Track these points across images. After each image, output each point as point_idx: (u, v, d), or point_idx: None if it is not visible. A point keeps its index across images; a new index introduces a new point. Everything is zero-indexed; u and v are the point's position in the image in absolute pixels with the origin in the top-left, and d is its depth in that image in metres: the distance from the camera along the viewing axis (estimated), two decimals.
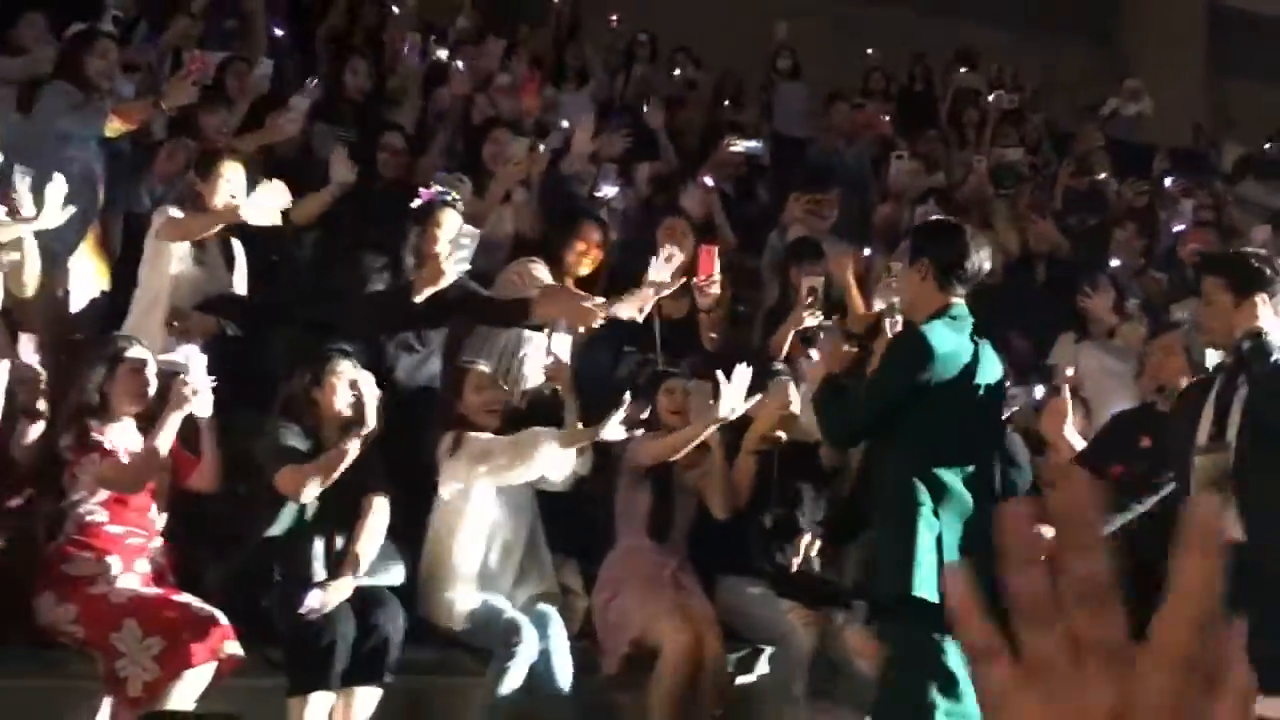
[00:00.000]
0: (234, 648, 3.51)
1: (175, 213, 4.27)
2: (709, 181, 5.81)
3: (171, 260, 4.22)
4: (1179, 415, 3.51)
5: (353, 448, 3.68)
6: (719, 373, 4.03)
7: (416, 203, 4.34)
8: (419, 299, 4.15)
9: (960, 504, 3.23)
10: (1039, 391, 4.71)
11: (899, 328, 3.72)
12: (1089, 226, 6.46)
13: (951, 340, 3.30)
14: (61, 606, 3.49)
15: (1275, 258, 3.50)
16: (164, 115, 5.09)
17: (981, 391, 3.36)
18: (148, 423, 3.70)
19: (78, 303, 4.55)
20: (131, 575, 3.60)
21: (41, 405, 3.70)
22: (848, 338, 3.90)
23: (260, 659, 3.67)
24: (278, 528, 3.82)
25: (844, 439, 3.55)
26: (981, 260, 3.39)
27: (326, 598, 3.61)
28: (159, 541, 3.72)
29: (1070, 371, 4.65)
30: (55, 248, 4.28)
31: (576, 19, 8.18)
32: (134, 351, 3.74)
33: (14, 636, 3.45)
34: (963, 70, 8.10)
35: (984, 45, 8.51)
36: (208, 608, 3.56)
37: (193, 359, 3.61)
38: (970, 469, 3.28)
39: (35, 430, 3.66)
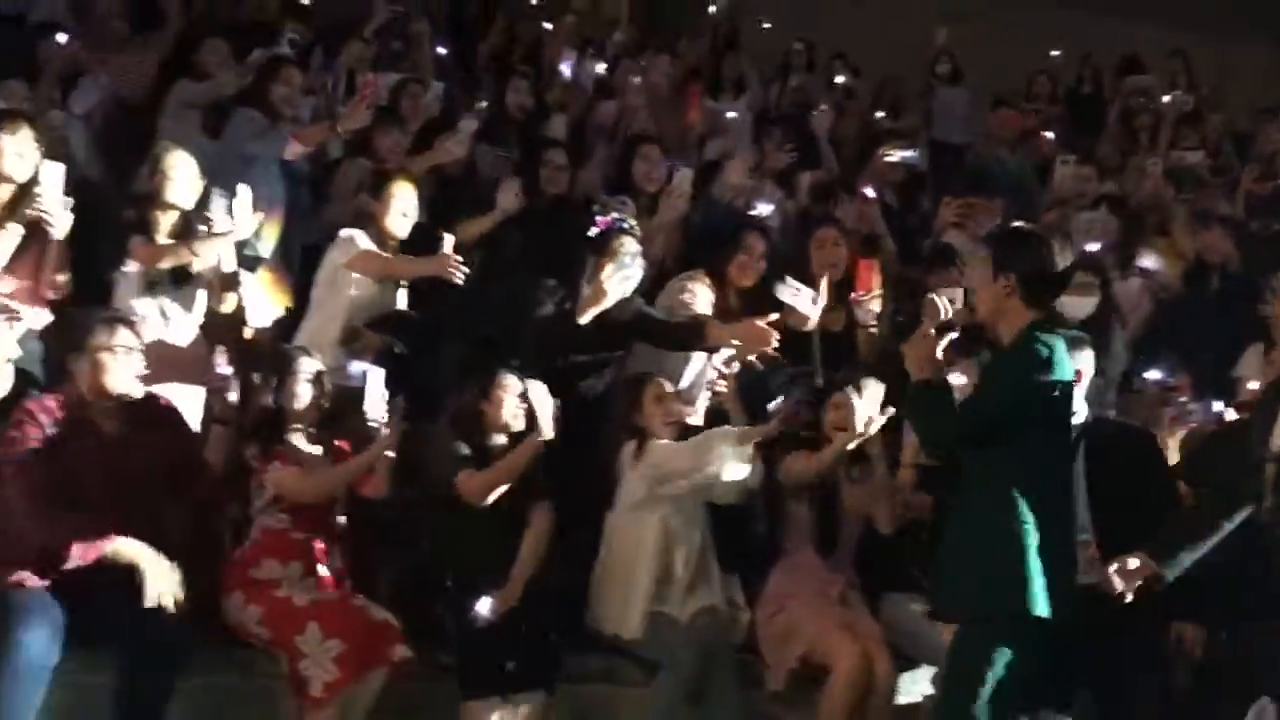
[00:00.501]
0: (407, 652, 3.63)
1: (366, 243, 4.36)
2: (869, 193, 5.73)
3: (351, 283, 4.35)
4: (1257, 419, 3.41)
5: (528, 453, 3.76)
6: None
7: (594, 231, 4.37)
8: (584, 320, 4.23)
9: (1057, 522, 3.19)
10: (1217, 407, 4.50)
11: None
12: (1273, 232, 6.13)
13: (1055, 353, 3.25)
14: (249, 608, 3.65)
15: None
16: (339, 137, 5.28)
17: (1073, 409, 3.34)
18: (323, 432, 3.86)
19: (258, 319, 4.74)
20: (312, 579, 3.74)
21: (231, 415, 3.89)
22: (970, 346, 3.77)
23: (432, 664, 3.77)
24: (447, 534, 3.93)
25: (945, 444, 3.44)
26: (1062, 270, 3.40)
27: (497, 605, 3.68)
28: (337, 547, 3.86)
29: (1254, 385, 4.43)
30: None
31: (735, 29, 8.18)
32: (310, 365, 3.89)
33: (206, 636, 3.61)
34: (1131, 73, 7.79)
35: (1156, 46, 8.18)
36: (383, 612, 3.68)
37: (371, 376, 3.74)
38: (1063, 485, 3.28)
39: (226, 439, 3.85)
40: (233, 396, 4.04)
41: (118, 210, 4.21)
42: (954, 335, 3.34)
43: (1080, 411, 3.53)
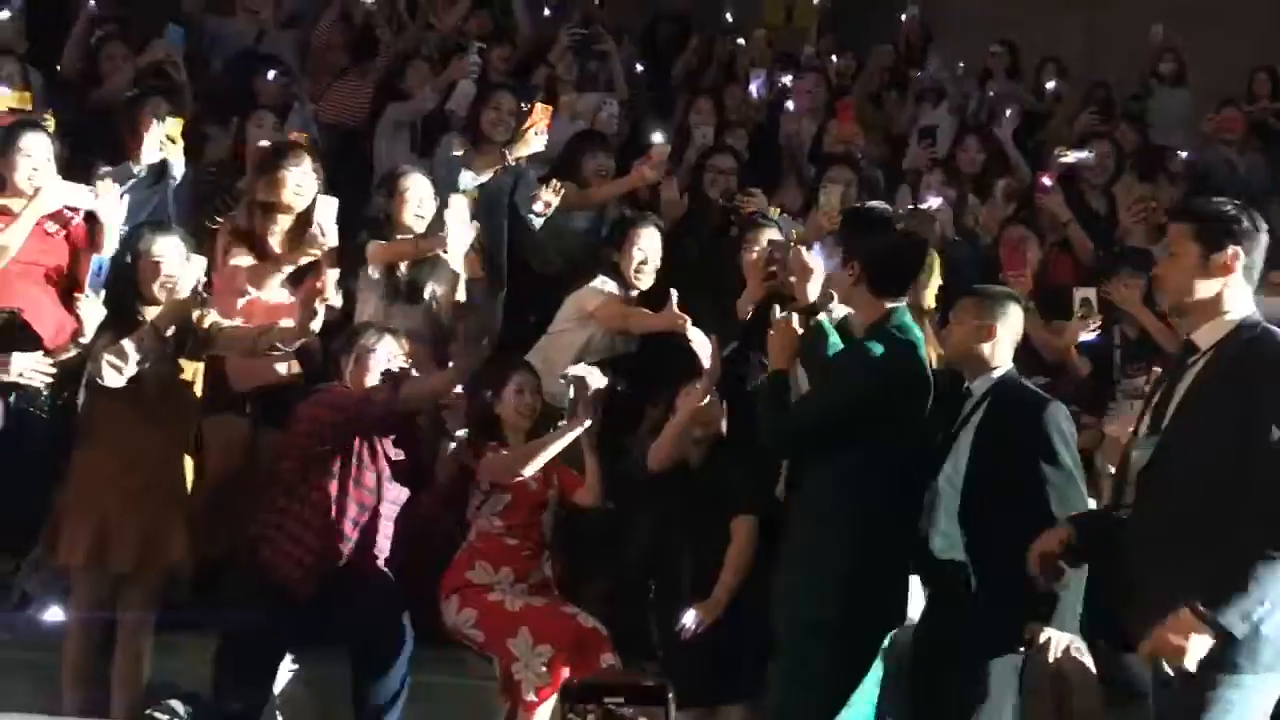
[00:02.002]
0: (615, 659, 3.69)
1: (613, 289, 4.39)
2: (1047, 181, 5.55)
3: (593, 325, 4.39)
4: None
5: (562, 437, 3.80)
6: None
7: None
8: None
9: (895, 523, 3.06)
10: None
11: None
12: None
13: (899, 352, 3.07)
14: (464, 611, 3.79)
15: None
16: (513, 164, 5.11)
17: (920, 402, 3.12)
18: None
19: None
20: (523, 585, 3.85)
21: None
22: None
23: (638, 671, 3.81)
24: (651, 543, 3.98)
25: (783, 449, 3.26)
26: (916, 258, 3.18)
27: (701, 617, 3.71)
28: (547, 554, 3.96)
29: None
30: None
31: (928, 35, 8.01)
32: (523, 377, 4.01)
33: (424, 637, 3.77)
34: None
35: None
36: (592, 620, 3.76)
37: (591, 377, 3.81)
38: (909, 485, 3.09)
39: (451, 448, 4.01)
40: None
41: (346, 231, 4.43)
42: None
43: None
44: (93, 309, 3.82)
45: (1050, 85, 7.26)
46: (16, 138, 4.18)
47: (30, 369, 3.38)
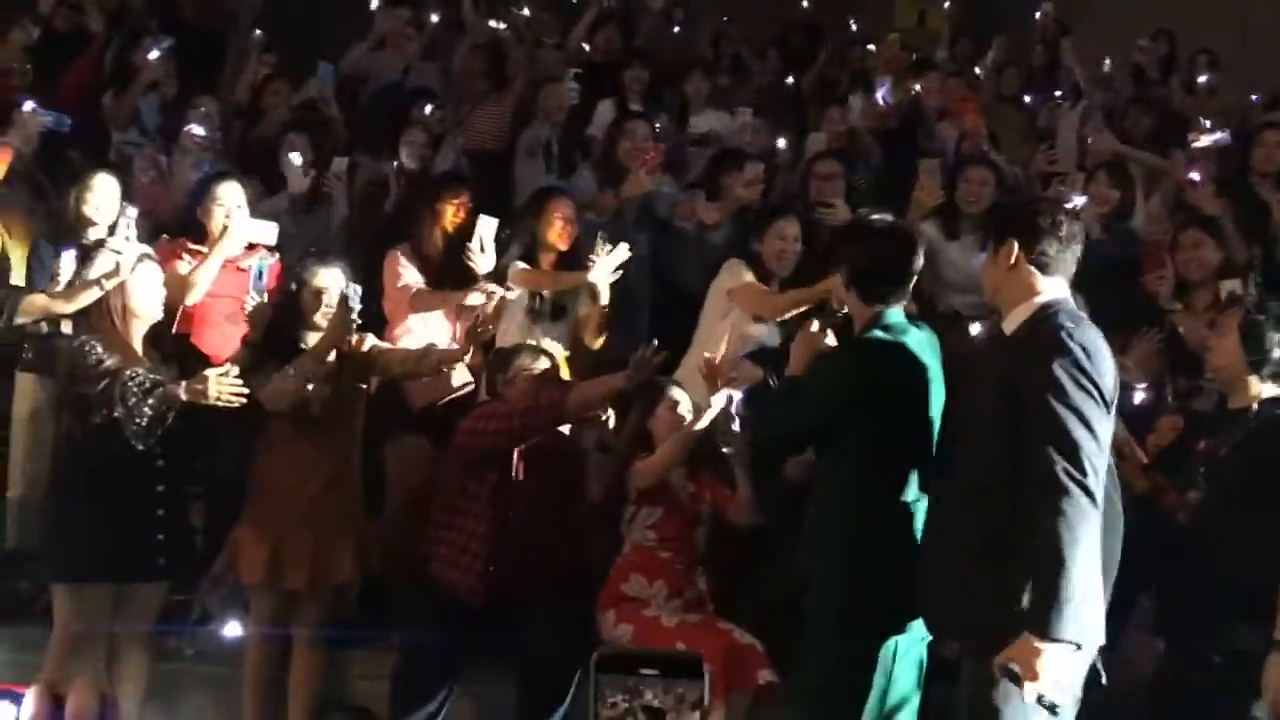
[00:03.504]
0: (772, 676, 3.68)
1: (749, 276, 4.47)
2: (1195, 176, 5.31)
3: (731, 312, 4.48)
4: None
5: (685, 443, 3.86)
6: None
7: None
8: None
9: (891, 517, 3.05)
10: None
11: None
12: None
13: (888, 351, 3.09)
14: (620, 626, 3.82)
15: None
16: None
17: (928, 405, 3.10)
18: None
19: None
20: (678, 600, 3.87)
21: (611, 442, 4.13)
22: None
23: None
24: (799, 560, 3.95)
25: (766, 450, 3.27)
26: (902, 261, 3.15)
27: None
28: (700, 569, 3.97)
29: None
30: None
31: (1064, 30, 7.79)
32: (675, 393, 4.05)
33: (583, 652, 3.80)
34: None
35: None
36: (748, 636, 3.75)
37: (719, 401, 3.82)
38: (907, 483, 3.06)
39: (607, 466, 4.07)
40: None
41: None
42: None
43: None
44: (256, 309, 4.01)
45: (1203, 79, 6.99)
46: (212, 187, 4.50)
47: (224, 389, 3.55)
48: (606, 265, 4.35)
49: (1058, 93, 7.21)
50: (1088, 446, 2.62)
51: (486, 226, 4.34)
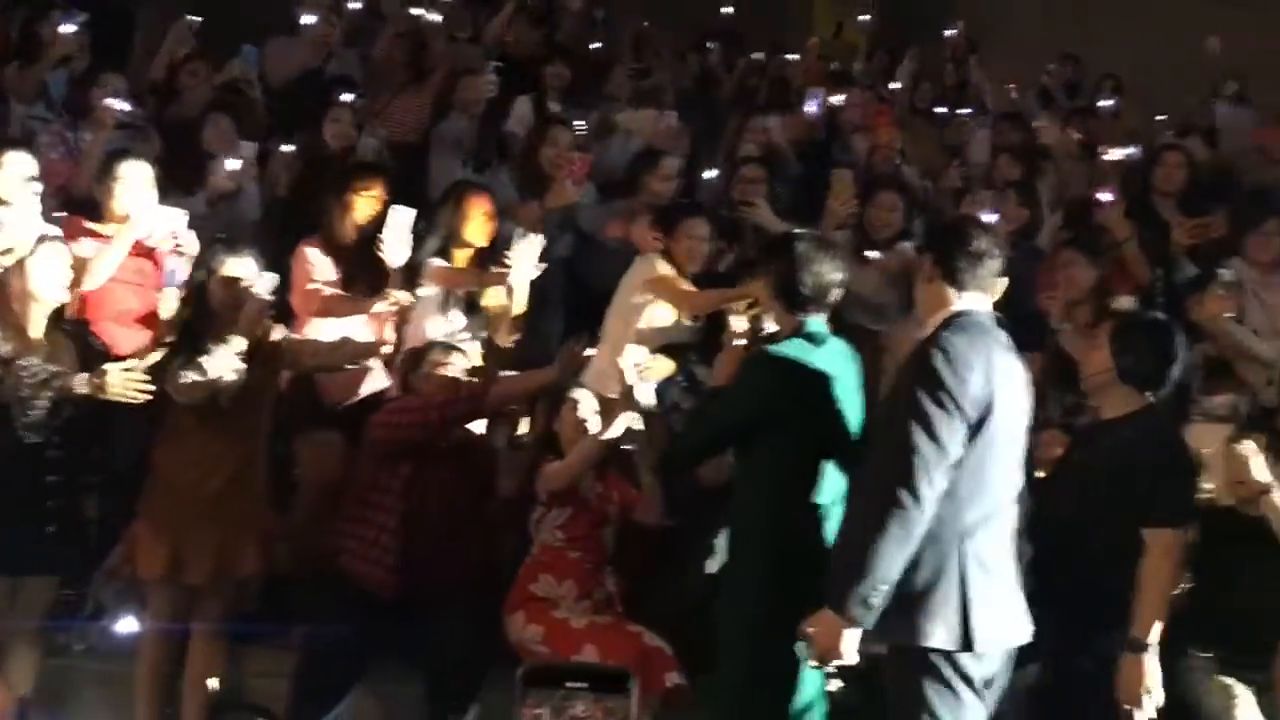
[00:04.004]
0: (680, 679, 3.69)
1: (665, 269, 4.51)
2: (1104, 196, 5.41)
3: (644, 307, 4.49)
4: None
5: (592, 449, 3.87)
6: None
7: None
8: None
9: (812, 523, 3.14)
10: None
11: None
12: None
13: (809, 358, 3.18)
14: (529, 627, 3.80)
15: None
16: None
17: (846, 411, 3.22)
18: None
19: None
20: (587, 602, 3.87)
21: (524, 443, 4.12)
22: None
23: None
24: (715, 560, 3.98)
25: (678, 460, 3.42)
26: (823, 273, 3.25)
27: None
28: (609, 569, 3.98)
29: None
30: None
31: (972, 48, 7.98)
32: (573, 393, 4.05)
33: (494, 653, 3.79)
34: None
35: None
36: (657, 639, 3.76)
37: (626, 420, 3.83)
38: (826, 493, 3.16)
39: (519, 464, 4.06)
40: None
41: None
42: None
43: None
44: (170, 304, 3.91)
45: (1108, 104, 7.22)
46: (115, 164, 4.33)
47: (127, 385, 3.45)
48: (526, 266, 4.32)
49: (967, 110, 7.38)
50: (924, 451, 2.76)
51: (401, 218, 4.25)
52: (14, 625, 3.68)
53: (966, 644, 2.80)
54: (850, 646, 2.80)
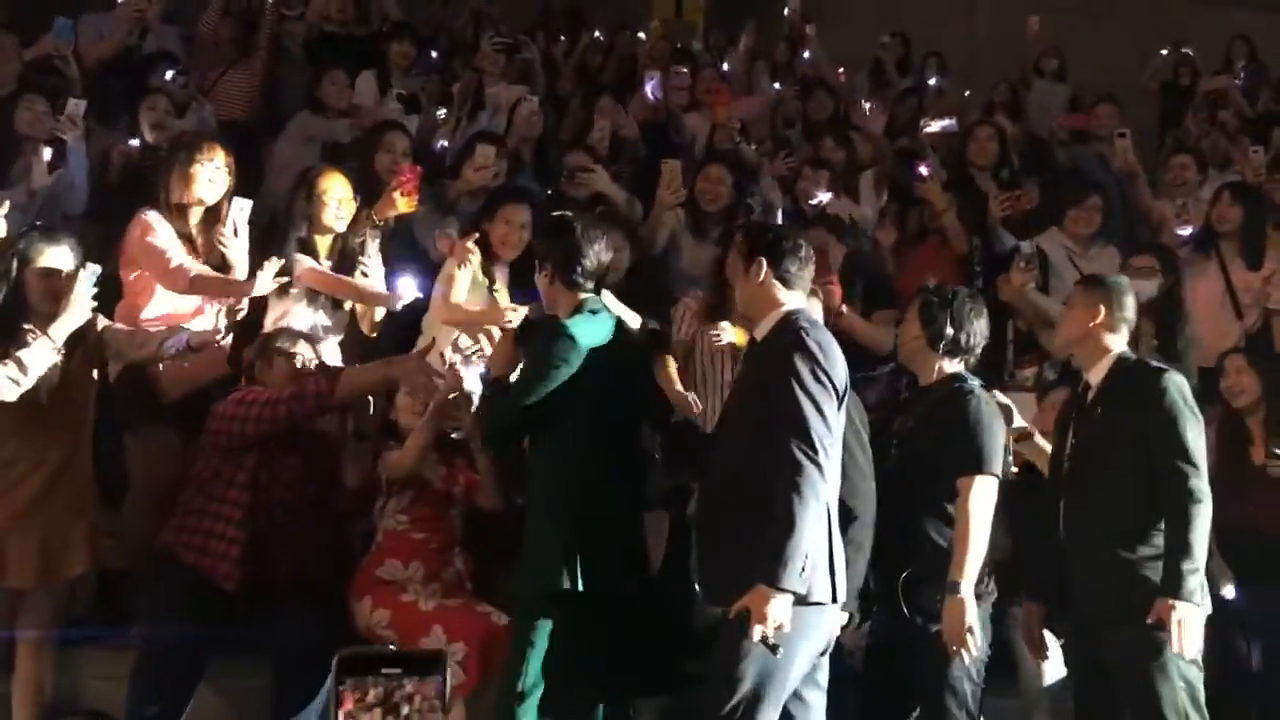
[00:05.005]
0: None
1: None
2: (924, 169, 5.59)
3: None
4: None
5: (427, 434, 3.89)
6: None
7: None
8: None
9: (595, 497, 3.37)
10: None
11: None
12: None
13: (593, 333, 3.43)
14: (377, 611, 3.78)
15: None
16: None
17: (624, 382, 3.50)
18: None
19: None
20: (436, 585, 3.86)
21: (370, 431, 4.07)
22: None
23: None
24: None
25: (497, 439, 3.59)
26: (599, 252, 3.53)
27: None
28: (457, 550, 3.98)
29: None
30: None
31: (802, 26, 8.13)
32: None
33: (341, 639, 3.74)
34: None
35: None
36: (505, 618, 3.78)
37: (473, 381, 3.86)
38: (609, 462, 3.42)
39: (364, 453, 4.00)
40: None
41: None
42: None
43: None
44: None
45: (932, 81, 7.48)
46: None
47: None
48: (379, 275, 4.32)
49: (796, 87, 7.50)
50: (818, 428, 3.05)
51: (240, 209, 4.11)
52: None
53: (834, 597, 3.11)
54: (788, 615, 2.98)
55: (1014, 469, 4.03)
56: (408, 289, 4.17)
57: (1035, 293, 4.98)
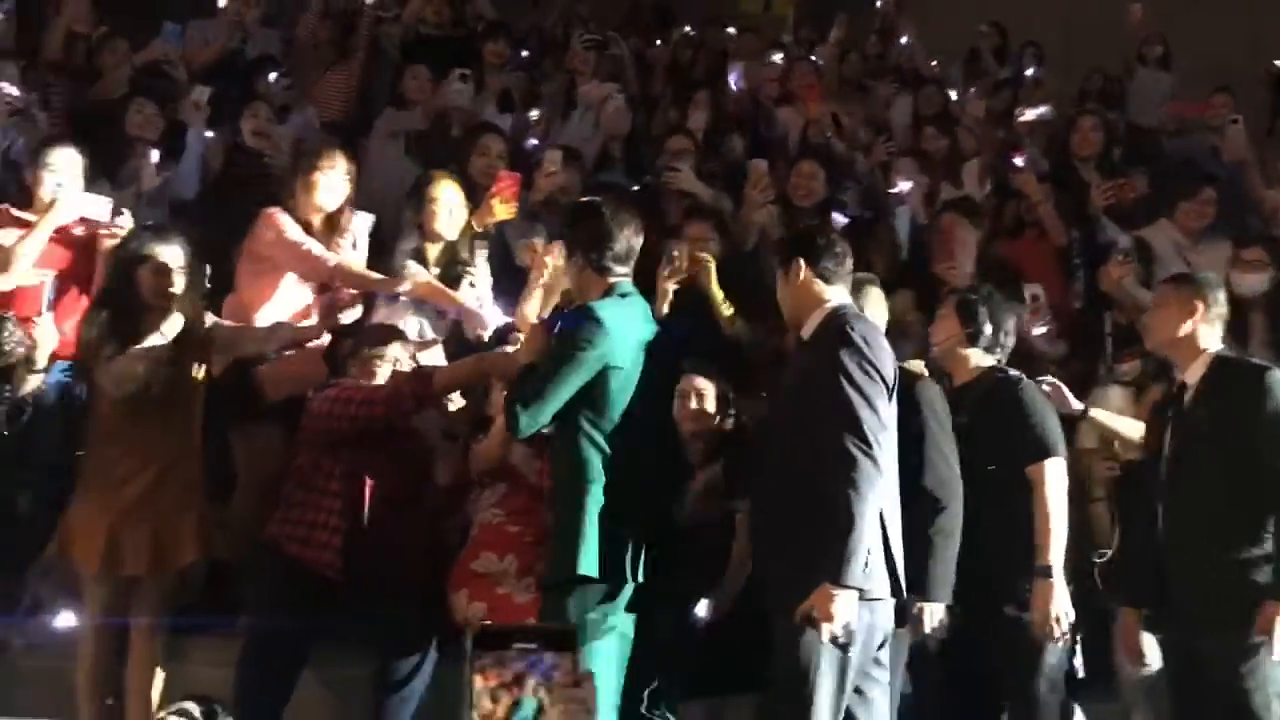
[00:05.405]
0: None
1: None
2: (1019, 160, 5.59)
3: None
4: None
5: None
6: None
7: None
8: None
9: (629, 483, 3.25)
10: None
11: None
12: None
13: (624, 317, 3.33)
14: (474, 604, 3.81)
15: None
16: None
17: (655, 369, 3.39)
18: None
19: None
20: (529, 576, 3.87)
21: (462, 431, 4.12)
22: None
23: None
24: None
25: (525, 426, 3.38)
26: (630, 236, 3.39)
27: (714, 608, 3.75)
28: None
29: None
30: None
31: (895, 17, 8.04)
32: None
33: (439, 632, 3.81)
34: None
35: None
36: None
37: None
38: (640, 447, 3.30)
39: (457, 452, 4.05)
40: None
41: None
42: None
43: None
44: (47, 332, 3.81)
45: (1029, 71, 7.33)
46: (45, 152, 4.26)
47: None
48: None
49: (891, 79, 7.42)
50: (870, 422, 3.05)
51: (362, 223, 4.20)
52: None
53: (896, 591, 3.12)
54: (854, 611, 3.00)
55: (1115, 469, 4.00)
56: (495, 316, 4.24)
57: (1135, 285, 4.86)
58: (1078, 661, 3.98)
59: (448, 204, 4.33)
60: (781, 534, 3.14)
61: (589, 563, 3.21)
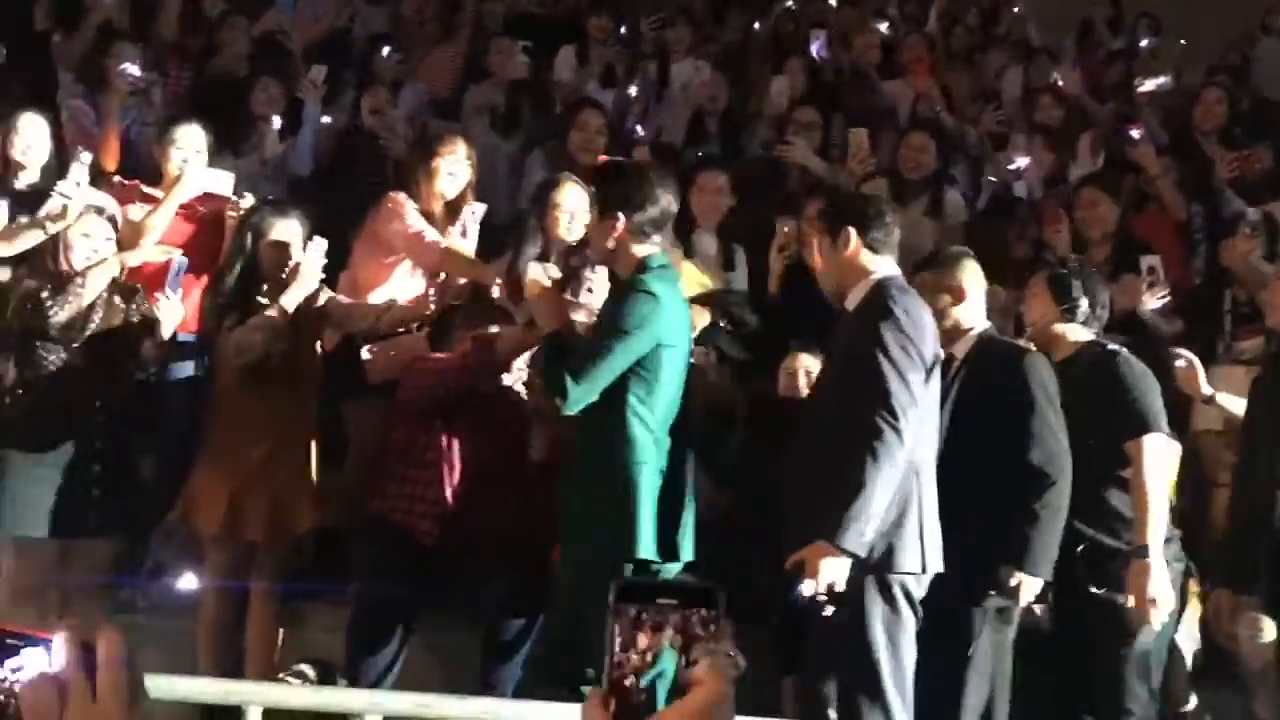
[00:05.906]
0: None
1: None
2: (1135, 132, 5.42)
3: None
4: None
5: None
6: None
7: None
8: None
9: (677, 463, 3.23)
10: None
11: None
12: None
13: (674, 293, 3.27)
14: None
15: None
16: None
17: (687, 346, 3.34)
18: None
19: None
20: None
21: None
22: None
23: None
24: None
25: (576, 401, 3.20)
26: (670, 202, 3.28)
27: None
28: None
29: None
30: None
31: None
32: None
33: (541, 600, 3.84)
34: None
35: None
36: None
37: None
38: (675, 423, 3.26)
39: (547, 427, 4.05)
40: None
41: None
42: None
43: None
44: (171, 309, 3.90)
45: (1144, 43, 7.10)
46: (171, 130, 4.40)
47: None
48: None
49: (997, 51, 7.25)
50: (901, 397, 3.01)
51: (475, 212, 4.23)
52: (73, 583, 3.76)
53: (924, 566, 3.08)
54: (843, 575, 2.97)
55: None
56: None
57: (1261, 261, 4.69)
58: (1190, 646, 3.88)
59: (569, 209, 4.27)
60: (807, 503, 3.11)
61: (646, 546, 3.15)
